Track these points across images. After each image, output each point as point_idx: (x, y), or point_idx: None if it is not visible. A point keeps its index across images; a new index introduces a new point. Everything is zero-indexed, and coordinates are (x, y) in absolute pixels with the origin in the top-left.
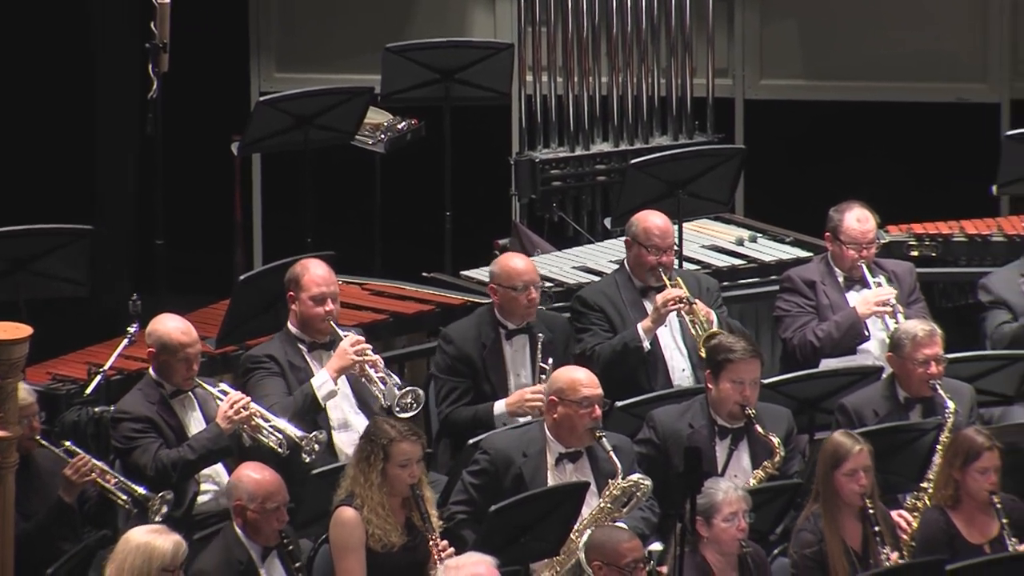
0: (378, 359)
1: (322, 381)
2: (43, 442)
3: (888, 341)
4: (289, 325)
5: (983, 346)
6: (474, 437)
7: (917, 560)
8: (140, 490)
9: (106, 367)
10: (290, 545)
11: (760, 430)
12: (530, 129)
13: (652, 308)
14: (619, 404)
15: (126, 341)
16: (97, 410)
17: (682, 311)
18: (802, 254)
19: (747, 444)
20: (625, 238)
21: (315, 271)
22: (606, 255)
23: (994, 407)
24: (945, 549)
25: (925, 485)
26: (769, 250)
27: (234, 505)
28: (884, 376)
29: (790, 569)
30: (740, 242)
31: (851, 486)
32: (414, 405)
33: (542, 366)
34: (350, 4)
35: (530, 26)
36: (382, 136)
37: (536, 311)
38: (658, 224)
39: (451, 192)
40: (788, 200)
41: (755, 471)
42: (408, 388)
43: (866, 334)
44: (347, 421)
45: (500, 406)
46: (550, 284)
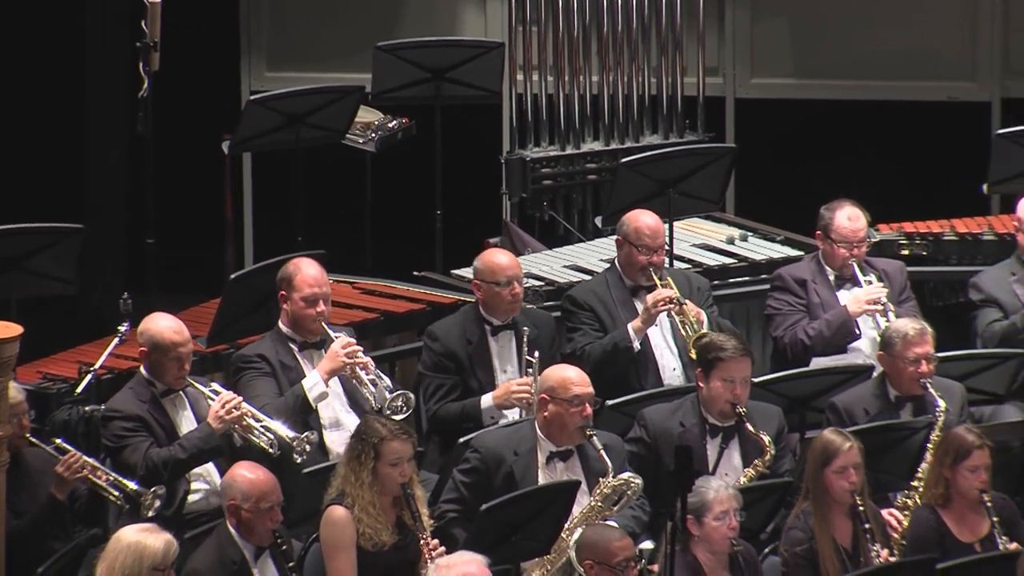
0: (369, 361)
1: (313, 383)
2: (34, 440)
3: (879, 340)
4: (280, 324)
5: (974, 345)
6: (463, 434)
7: (908, 559)
8: (132, 485)
9: (97, 366)
10: (283, 545)
11: (751, 429)
12: (521, 128)
13: (642, 308)
14: (610, 403)
15: (117, 340)
16: (88, 409)
17: (672, 312)
18: (793, 253)
19: (738, 443)
20: (616, 237)
21: (307, 271)
22: (597, 254)
23: (985, 406)
24: (936, 548)
25: (916, 484)
26: (760, 249)
27: (228, 505)
28: (875, 375)
29: (780, 567)
30: (731, 241)
31: (841, 483)
32: (405, 408)
33: (528, 359)
34: (341, 3)
35: (521, 25)
36: (373, 135)
37: (520, 307)
38: (649, 224)
39: (442, 191)
40: (779, 199)
41: (746, 469)
42: (399, 391)
43: (857, 332)
44: (338, 420)
45: (487, 400)
46: (540, 283)
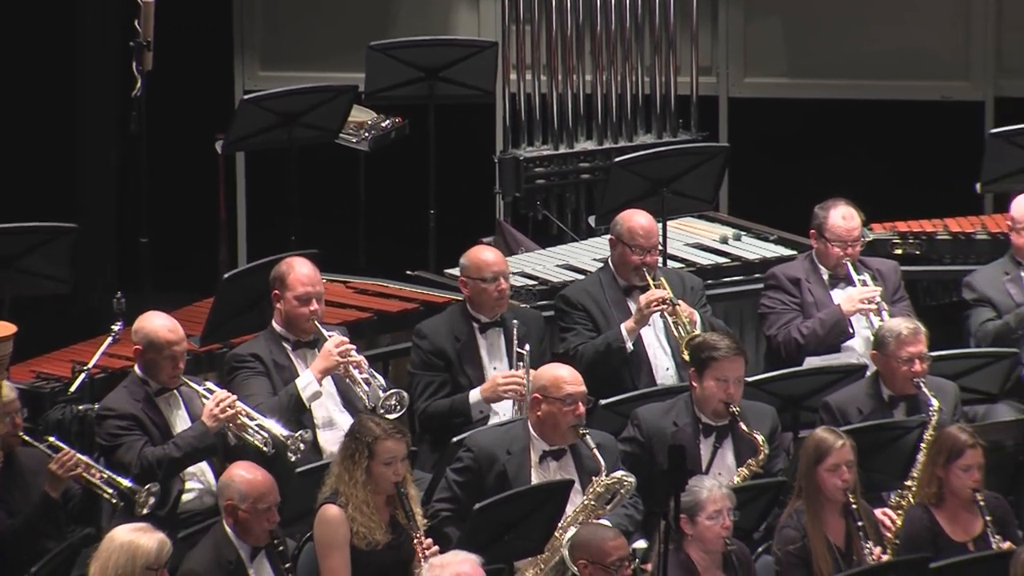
0: (362, 360)
1: (307, 382)
2: (27, 439)
3: (872, 339)
4: (274, 323)
5: (967, 344)
6: (454, 431)
7: (901, 558)
8: (126, 483)
9: (90, 365)
10: (280, 545)
11: (744, 428)
12: (514, 127)
13: (635, 309)
14: (603, 402)
15: (110, 339)
16: (81, 408)
17: (665, 312)
18: (786, 252)
19: (731, 442)
20: (609, 237)
21: (300, 270)
22: (590, 253)
23: (978, 405)
24: (929, 547)
25: (909, 483)
26: (753, 248)
27: (225, 504)
28: (868, 374)
29: (774, 566)
30: (724, 240)
31: (834, 481)
32: (398, 407)
33: (519, 351)
34: (334, 2)
35: (514, 24)
36: (366, 134)
37: (507, 304)
38: (642, 224)
39: (435, 190)
40: (772, 198)
41: (739, 469)
42: (392, 390)
43: (851, 331)
44: (332, 419)
45: (475, 394)
46: (534, 282)
